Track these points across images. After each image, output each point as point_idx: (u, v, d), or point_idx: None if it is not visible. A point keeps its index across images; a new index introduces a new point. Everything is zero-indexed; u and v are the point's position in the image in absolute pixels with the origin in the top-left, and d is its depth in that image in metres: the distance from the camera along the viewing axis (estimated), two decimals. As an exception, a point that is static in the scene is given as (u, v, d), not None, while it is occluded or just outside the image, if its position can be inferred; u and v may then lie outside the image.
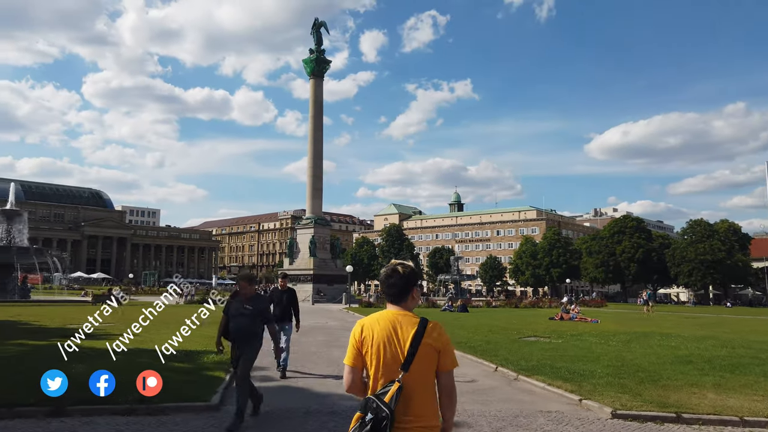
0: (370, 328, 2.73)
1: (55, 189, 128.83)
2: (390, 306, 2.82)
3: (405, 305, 2.79)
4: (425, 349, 2.60)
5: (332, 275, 52.96)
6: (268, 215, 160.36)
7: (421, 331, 2.63)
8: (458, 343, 15.17)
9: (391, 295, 2.81)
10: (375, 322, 2.75)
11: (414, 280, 2.86)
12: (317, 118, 58.38)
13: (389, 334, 2.66)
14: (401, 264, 2.86)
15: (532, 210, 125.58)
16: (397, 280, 2.78)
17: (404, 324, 2.68)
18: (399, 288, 2.78)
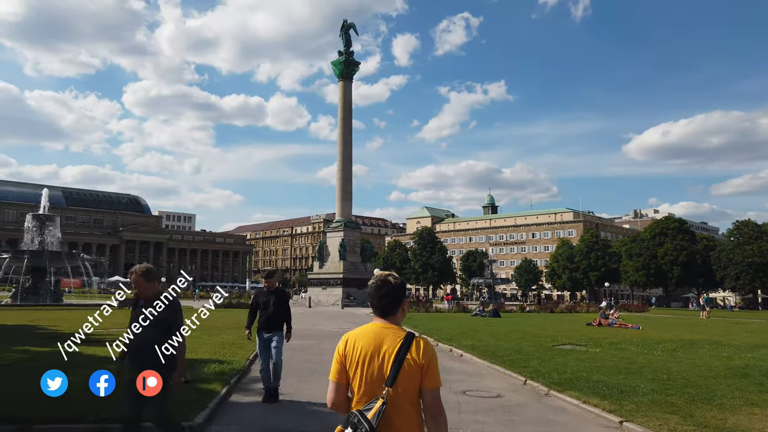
0: (355, 342, 2.65)
1: (95, 195, 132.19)
2: (377, 319, 2.72)
3: (393, 318, 2.72)
4: (409, 364, 2.52)
5: (362, 279, 52.05)
6: (300, 219, 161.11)
7: (406, 345, 2.55)
8: (485, 352, 14.06)
9: (381, 307, 2.72)
10: (360, 335, 2.67)
11: (404, 292, 2.77)
12: (346, 121, 57.85)
13: (374, 348, 2.59)
14: (392, 275, 2.79)
15: (569, 212, 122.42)
16: (389, 292, 2.71)
17: (390, 338, 2.60)
18: (390, 300, 2.70)
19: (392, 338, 2.59)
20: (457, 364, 12.95)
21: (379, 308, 2.71)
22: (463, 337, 17.94)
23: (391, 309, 2.70)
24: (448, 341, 16.80)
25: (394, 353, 2.54)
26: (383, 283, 2.72)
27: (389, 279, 2.75)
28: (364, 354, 2.59)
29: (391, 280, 2.74)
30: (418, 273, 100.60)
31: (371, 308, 2.77)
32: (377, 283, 2.74)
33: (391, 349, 2.56)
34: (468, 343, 16.08)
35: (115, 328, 14.68)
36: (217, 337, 15.67)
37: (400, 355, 2.53)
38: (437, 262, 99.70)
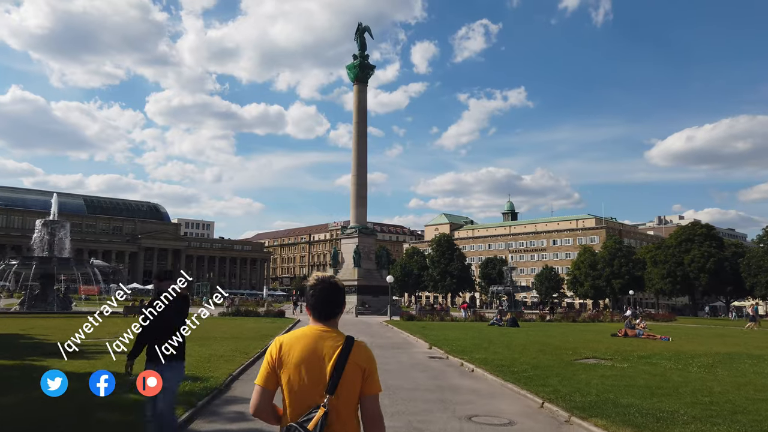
0: (290, 346, 2.47)
1: (115, 203, 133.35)
2: (314, 323, 2.53)
3: (333, 322, 2.55)
4: (352, 369, 2.40)
5: (378, 286, 50.89)
6: (318, 226, 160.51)
7: (347, 349, 2.42)
8: (499, 367, 12.64)
9: (325, 311, 2.53)
10: (296, 339, 2.48)
11: (345, 296, 2.61)
12: (360, 124, 56.88)
13: (312, 353, 2.43)
14: (334, 277, 2.60)
15: (591, 218, 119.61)
16: (335, 295, 2.55)
17: (328, 342, 2.45)
18: (336, 304, 2.55)
19: (332, 343, 2.45)
20: (466, 381, 11.57)
21: (323, 312, 2.53)
22: (476, 350, 16.52)
23: (334, 313, 2.55)
24: (460, 354, 15.41)
25: (334, 358, 2.40)
26: (331, 286, 2.55)
27: (336, 282, 2.58)
28: (302, 358, 2.42)
29: (338, 283, 2.59)
30: (436, 280, 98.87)
31: (310, 311, 2.55)
32: (324, 285, 2.54)
33: (330, 354, 2.41)
34: (481, 357, 14.68)
35: (107, 337, 13.59)
36: (208, 348, 14.50)
37: (341, 360, 2.39)
38: (456, 269, 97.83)
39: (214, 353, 13.60)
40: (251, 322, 28.03)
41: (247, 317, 33.00)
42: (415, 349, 18.17)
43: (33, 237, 38.94)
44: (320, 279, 2.58)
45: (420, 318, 35.10)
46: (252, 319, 31.58)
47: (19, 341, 16.04)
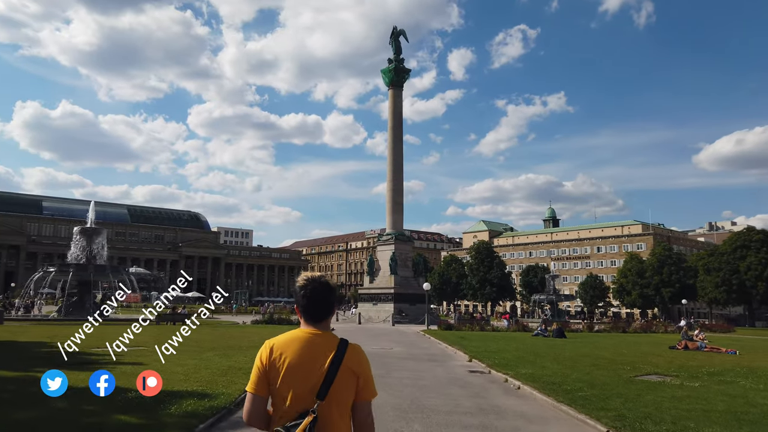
0: (281, 350, 2.35)
1: (158, 212, 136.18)
2: (305, 325, 2.43)
3: (325, 324, 2.45)
4: (345, 373, 2.31)
5: (415, 294, 49.51)
6: (355, 234, 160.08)
7: (341, 353, 2.33)
8: (549, 385, 11.11)
9: (317, 313, 2.44)
10: (287, 342, 2.37)
11: (336, 296, 2.52)
12: (396, 129, 55.82)
13: (303, 356, 2.32)
14: (324, 277, 2.49)
15: (637, 224, 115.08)
16: (328, 296, 2.45)
17: (321, 345, 2.36)
18: (327, 305, 2.45)
19: (325, 346, 2.35)
20: (512, 401, 10.11)
21: (314, 314, 2.42)
22: (521, 364, 14.97)
23: (327, 315, 2.45)
24: (503, 368, 13.91)
25: (327, 362, 2.30)
26: (323, 286, 2.44)
27: (328, 282, 2.47)
28: (293, 362, 2.31)
29: (329, 283, 2.47)
30: (475, 289, 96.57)
31: (300, 313, 2.44)
32: (315, 286, 2.43)
33: (324, 358, 2.32)
34: (527, 372, 13.15)
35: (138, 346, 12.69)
36: (229, 360, 13.47)
37: (334, 364, 2.30)
38: (495, 277, 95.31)
39: (233, 365, 12.53)
40: (283, 330, 27.05)
41: (279, 325, 32.13)
42: (454, 361, 16.73)
43: (72, 243, 39.22)
44: (310, 279, 2.45)
45: (459, 327, 33.49)
46: (285, 327, 30.63)
47: (38, 350, 15.39)
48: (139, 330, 10.63)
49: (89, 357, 12.62)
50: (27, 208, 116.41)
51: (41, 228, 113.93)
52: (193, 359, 13.27)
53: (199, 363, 12.60)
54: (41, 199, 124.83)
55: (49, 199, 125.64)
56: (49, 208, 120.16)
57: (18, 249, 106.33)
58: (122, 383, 8.87)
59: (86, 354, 13.77)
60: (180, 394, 8.62)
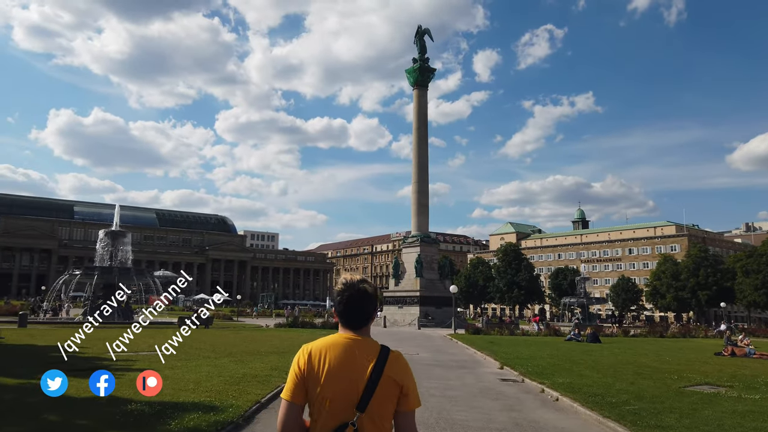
0: (319, 355, 2.23)
1: (185, 216, 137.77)
2: (344, 330, 2.32)
3: (365, 330, 2.33)
4: (386, 383, 2.18)
5: (441, 297, 48.47)
6: (380, 237, 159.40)
7: (382, 361, 2.22)
8: (591, 397, 10.07)
9: (354, 320, 2.32)
10: (325, 348, 2.25)
11: (376, 302, 2.39)
12: (421, 130, 54.93)
13: (343, 363, 2.20)
14: (366, 281, 2.39)
15: (671, 225, 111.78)
16: (365, 305, 2.32)
17: (362, 352, 2.24)
18: (366, 313, 2.33)
19: (365, 353, 2.23)
20: (551, 415, 9.12)
21: (353, 320, 2.31)
22: (557, 371, 13.90)
23: (367, 321, 2.33)
24: (538, 377, 12.87)
25: (368, 371, 2.18)
26: (360, 294, 2.32)
27: (365, 288, 2.34)
28: (332, 369, 2.18)
29: (367, 290, 2.34)
30: (503, 292, 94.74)
31: (339, 318, 2.34)
32: (353, 293, 2.31)
33: (364, 366, 2.19)
34: (565, 381, 12.10)
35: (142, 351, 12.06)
36: (245, 366, 12.73)
37: (375, 373, 2.18)
38: (523, 280, 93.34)
39: (249, 372, 11.78)
40: (306, 334, 26.34)
41: (303, 329, 31.49)
42: (484, 368, 15.72)
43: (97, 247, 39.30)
44: (348, 284, 2.34)
45: (487, 331, 32.38)
46: (308, 330, 29.99)
47: (50, 354, 14.89)
48: (139, 330, 10.08)
49: (98, 363, 12.00)
50: (59, 213, 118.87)
51: (72, 232, 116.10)
52: (207, 365, 12.59)
53: (213, 370, 11.89)
54: (73, 204, 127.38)
55: (80, 204, 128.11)
56: (80, 212, 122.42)
57: (50, 253, 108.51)
58: (125, 392, 8.18)
59: (96, 359, 13.21)
60: (185, 406, 7.86)
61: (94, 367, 11.38)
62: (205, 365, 12.54)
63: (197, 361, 12.99)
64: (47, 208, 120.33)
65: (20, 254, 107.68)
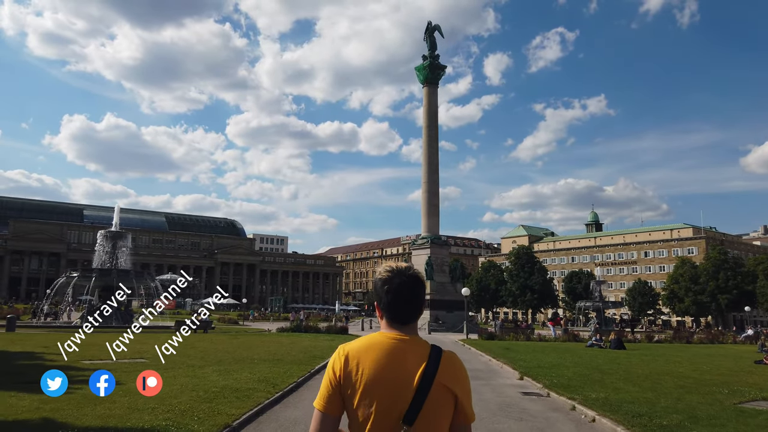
0: (358, 359, 1.89)
1: (195, 220, 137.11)
2: (387, 328, 1.98)
3: (412, 327, 2.00)
4: (439, 392, 1.83)
5: (452, 301, 46.79)
6: (390, 240, 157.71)
7: (433, 365, 1.86)
8: (635, 417, 8.33)
9: (405, 312, 1.98)
10: (365, 349, 1.92)
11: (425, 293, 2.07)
12: (431, 129, 53.35)
13: (387, 367, 1.87)
14: (412, 268, 2.04)
15: (688, 227, 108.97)
16: (419, 291, 2.00)
17: (409, 354, 1.89)
18: (417, 303, 2.00)
19: (413, 355, 1.88)
20: (590, 442, 7.41)
21: (404, 313, 1.97)
22: (586, 384, 12.16)
23: (415, 315, 2.00)
24: (566, 390, 11.13)
25: (417, 378, 1.83)
26: (412, 280, 1.98)
27: (418, 275, 2.02)
28: (374, 375, 1.85)
29: (419, 276, 2.02)
30: (516, 296, 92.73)
31: (383, 313, 1.99)
32: (403, 280, 1.96)
33: (413, 371, 1.84)
34: (599, 396, 10.36)
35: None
36: (229, 377, 11.12)
37: (425, 380, 1.82)
38: (536, 283, 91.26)
39: (230, 384, 10.16)
40: (308, 339, 24.74)
41: (307, 333, 29.89)
42: (502, 379, 14.01)
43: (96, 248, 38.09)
44: (397, 270, 2.00)
45: (501, 337, 30.54)
46: (310, 335, 28.36)
47: (18, 362, 13.41)
48: (138, 330, 8.83)
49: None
50: (69, 217, 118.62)
51: (81, 236, 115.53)
52: (186, 376, 11.02)
53: (190, 382, 10.29)
54: (82, 208, 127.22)
55: (89, 208, 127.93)
56: (89, 216, 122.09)
57: (58, 256, 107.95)
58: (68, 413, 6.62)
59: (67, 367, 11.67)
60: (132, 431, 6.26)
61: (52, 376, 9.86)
62: (184, 376, 10.96)
63: (177, 370, 11.42)
64: (56, 212, 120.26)
65: (29, 258, 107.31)
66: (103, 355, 13.25)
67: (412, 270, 1.99)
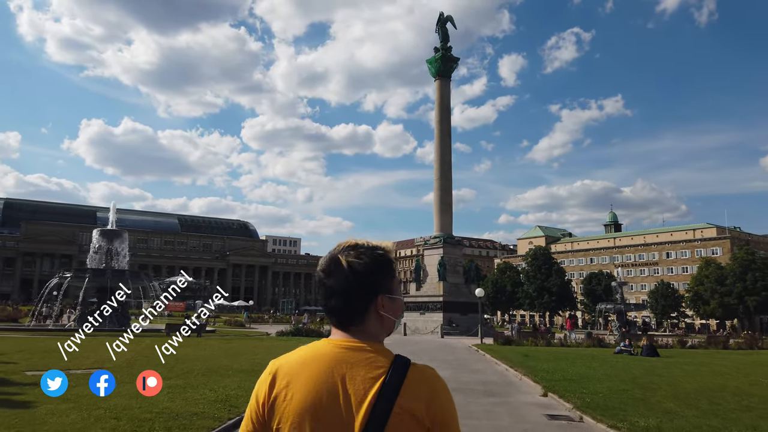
0: (288, 379, 1.37)
1: (207, 221, 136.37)
2: (335, 333, 1.47)
3: (362, 331, 1.44)
4: (402, 422, 1.29)
5: (466, 303, 44.43)
6: (404, 242, 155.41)
7: (394, 383, 1.32)
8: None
9: (333, 311, 1.46)
10: (299, 365, 1.39)
11: (380, 278, 1.46)
12: (443, 123, 51.15)
13: (326, 389, 1.34)
14: (354, 248, 1.48)
15: (711, 227, 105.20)
16: (342, 282, 1.44)
17: (359, 369, 1.36)
18: (346, 296, 1.43)
19: (364, 369, 1.35)
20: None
21: (333, 313, 1.46)
22: (628, 403, 9.83)
23: (351, 314, 1.43)
24: (604, 414, 8.81)
25: (368, 400, 1.31)
26: (333, 265, 1.46)
27: (340, 258, 1.45)
28: (308, 402, 1.33)
29: (343, 261, 1.44)
30: (533, 298, 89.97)
31: (325, 314, 1.54)
32: (324, 266, 1.48)
33: (362, 392, 1.32)
34: (649, 424, 8.04)
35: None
36: (181, 395, 8.98)
37: (381, 404, 1.29)
38: (554, 285, 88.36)
39: (172, 408, 7.99)
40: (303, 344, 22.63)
41: (308, 337, 27.73)
42: (521, 395, 11.71)
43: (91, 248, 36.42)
44: (328, 257, 1.49)
45: (519, 342, 28.12)
46: (309, 340, 26.06)
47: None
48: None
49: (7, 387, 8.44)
50: (82, 219, 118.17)
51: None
52: (124, 396, 8.89)
53: (122, 404, 8.13)
54: (95, 210, 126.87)
55: (103, 210, 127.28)
56: (102, 218, 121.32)
57: (70, 258, 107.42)
58: None
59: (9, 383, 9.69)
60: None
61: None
62: (120, 395, 8.82)
63: (121, 386, 9.29)
64: (70, 214, 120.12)
65: (41, 260, 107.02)
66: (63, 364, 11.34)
67: (346, 254, 1.44)
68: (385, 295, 1.44)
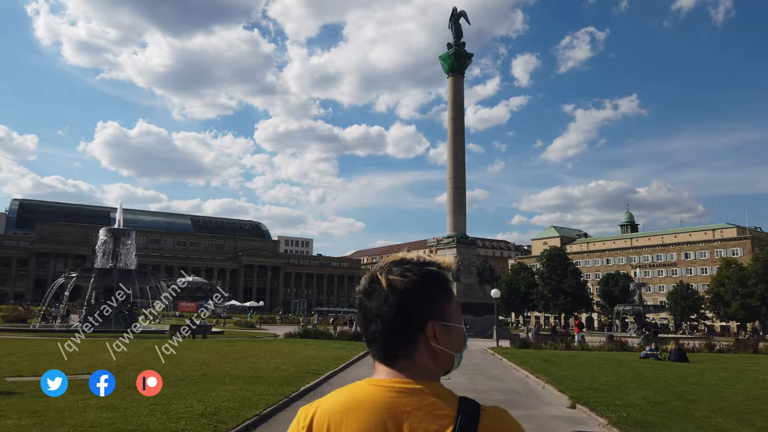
0: (331, 427, 1.09)
1: (220, 222, 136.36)
2: (380, 371, 1.16)
3: (411, 367, 1.14)
4: None
5: (481, 304, 43.29)
6: (416, 242, 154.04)
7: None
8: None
9: (374, 340, 1.17)
10: (343, 412, 1.09)
11: (429, 300, 1.17)
12: (457, 121, 50.07)
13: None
14: (399, 264, 1.21)
15: (731, 227, 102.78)
16: (382, 305, 1.15)
17: (417, 420, 1.05)
18: (386, 322, 1.14)
19: (426, 420, 1.04)
20: None
21: (374, 343, 1.17)
22: (671, 419, 8.70)
23: (396, 347, 1.14)
24: (645, 431, 7.69)
25: None
26: (373, 284, 1.19)
27: (378, 275, 1.19)
28: None
29: (384, 278, 1.17)
30: (548, 299, 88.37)
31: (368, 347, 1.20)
32: (364, 286, 1.21)
33: None
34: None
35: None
36: (160, 411, 7.98)
37: None
38: (569, 286, 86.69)
39: (147, 425, 7.00)
40: (313, 347, 21.62)
41: (316, 339, 26.77)
42: (546, 407, 10.60)
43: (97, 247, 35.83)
44: (370, 276, 1.22)
45: (537, 345, 26.90)
46: (318, 342, 25.20)
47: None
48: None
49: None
50: (96, 220, 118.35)
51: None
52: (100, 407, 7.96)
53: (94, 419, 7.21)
54: (109, 211, 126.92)
55: (116, 211, 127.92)
56: (115, 219, 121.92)
57: (84, 259, 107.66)
58: None
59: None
60: None
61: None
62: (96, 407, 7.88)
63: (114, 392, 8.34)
64: (83, 215, 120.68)
65: (54, 260, 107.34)
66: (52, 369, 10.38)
67: (375, 274, 1.19)
68: (437, 322, 1.12)
